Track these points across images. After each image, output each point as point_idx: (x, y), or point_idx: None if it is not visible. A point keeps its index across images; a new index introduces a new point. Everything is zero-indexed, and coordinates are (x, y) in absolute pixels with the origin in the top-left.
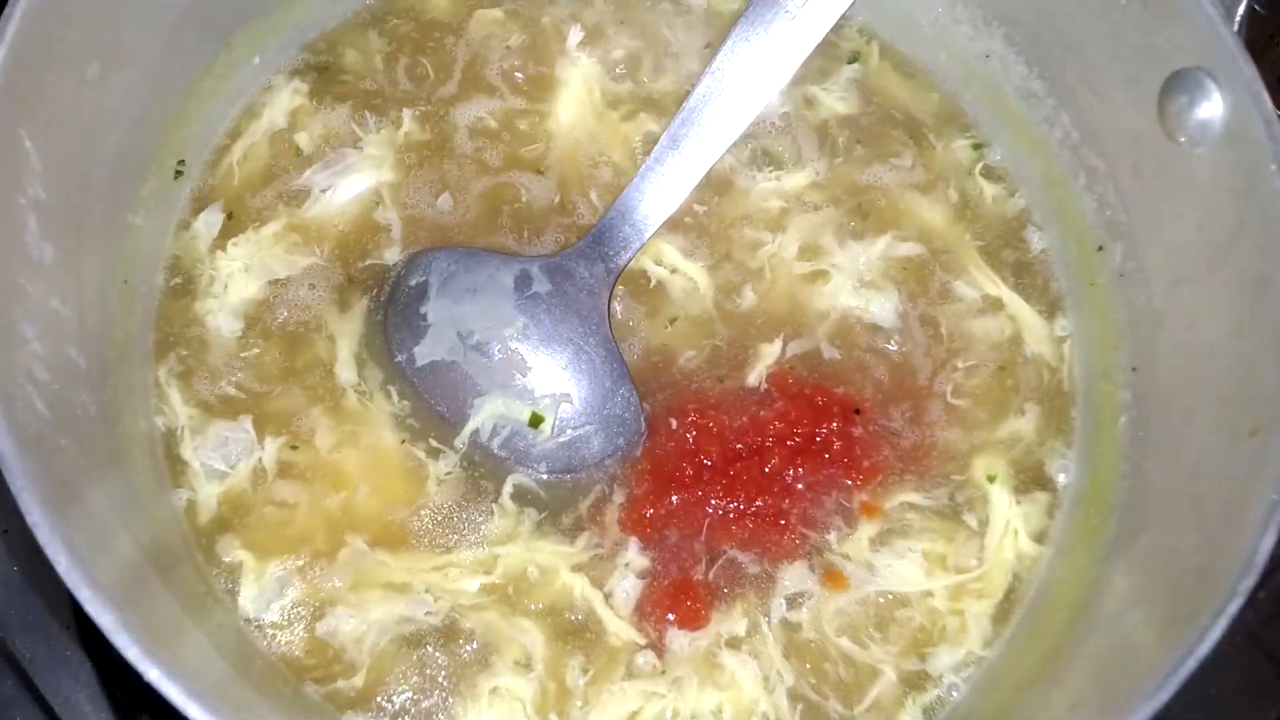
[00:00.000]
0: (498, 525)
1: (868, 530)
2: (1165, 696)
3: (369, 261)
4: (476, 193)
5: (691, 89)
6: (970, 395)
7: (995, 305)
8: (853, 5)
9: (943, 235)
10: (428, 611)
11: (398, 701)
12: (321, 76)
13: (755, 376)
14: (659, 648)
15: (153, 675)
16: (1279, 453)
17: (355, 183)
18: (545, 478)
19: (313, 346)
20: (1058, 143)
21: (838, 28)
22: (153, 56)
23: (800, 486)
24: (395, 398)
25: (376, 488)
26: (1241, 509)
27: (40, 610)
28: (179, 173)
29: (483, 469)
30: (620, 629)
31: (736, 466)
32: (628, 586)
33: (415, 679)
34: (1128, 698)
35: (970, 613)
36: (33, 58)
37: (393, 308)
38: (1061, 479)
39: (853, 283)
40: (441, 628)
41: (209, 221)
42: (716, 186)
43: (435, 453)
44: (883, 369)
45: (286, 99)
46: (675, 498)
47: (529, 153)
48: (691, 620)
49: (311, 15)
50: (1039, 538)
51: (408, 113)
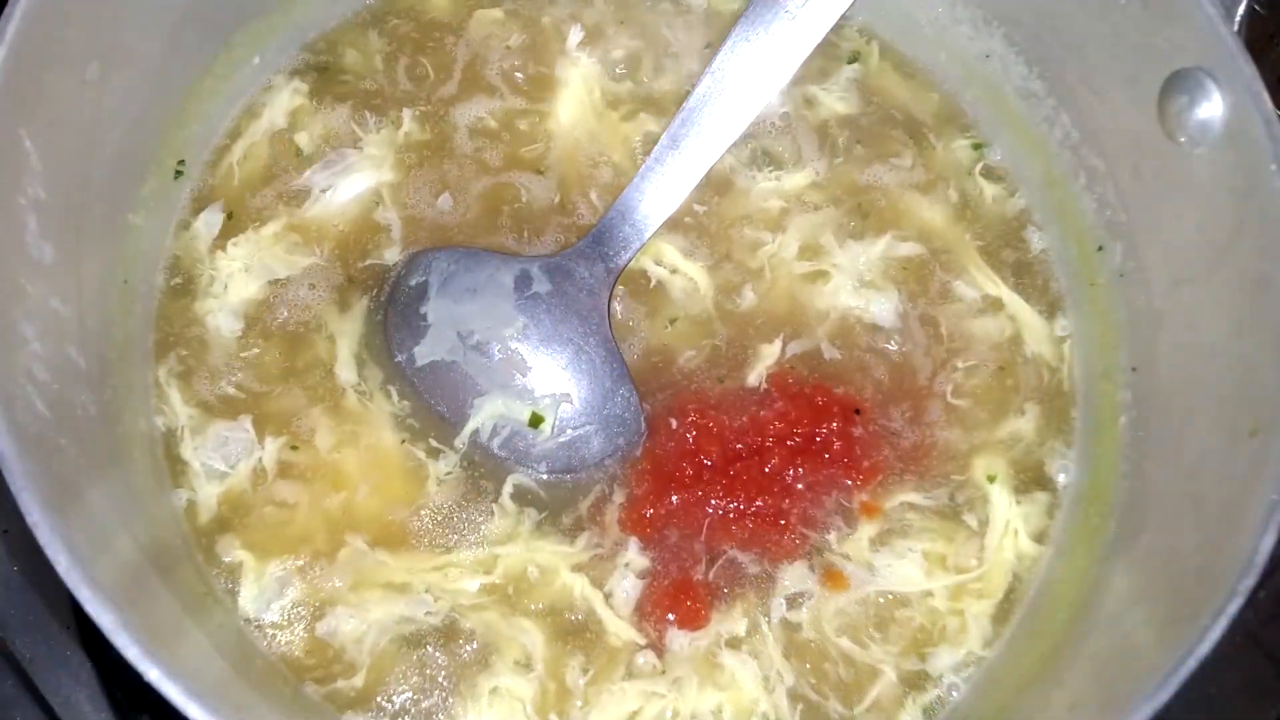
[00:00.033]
0: (498, 525)
1: (868, 530)
2: (1165, 696)
3: (369, 261)
4: (476, 193)
5: (691, 89)
6: (970, 395)
7: (995, 305)
8: (853, 5)
9: (943, 235)
10: (428, 611)
11: (398, 702)
12: (321, 76)
13: (755, 376)
14: (659, 648)
15: (153, 675)
16: (1279, 453)
17: (355, 183)
18: (545, 478)
19: (313, 346)
20: (1058, 143)
21: (838, 28)
22: (153, 56)
23: (800, 486)
24: (395, 398)
25: (376, 488)
26: (1241, 509)
27: (40, 610)
28: (179, 173)
29: (483, 469)
30: (620, 629)
31: (736, 466)
32: (628, 586)
33: (415, 679)
34: (1128, 698)
35: (970, 613)
36: (33, 58)
37: (393, 308)
38: (1061, 479)
39: (853, 283)
40: (441, 628)
41: (209, 221)
42: (716, 186)
43: (435, 453)
44: (883, 369)
45: (286, 99)
46: (675, 498)
47: (529, 153)
48: (691, 620)
49: (311, 15)
50: (1039, 538)
51: (408, 113)
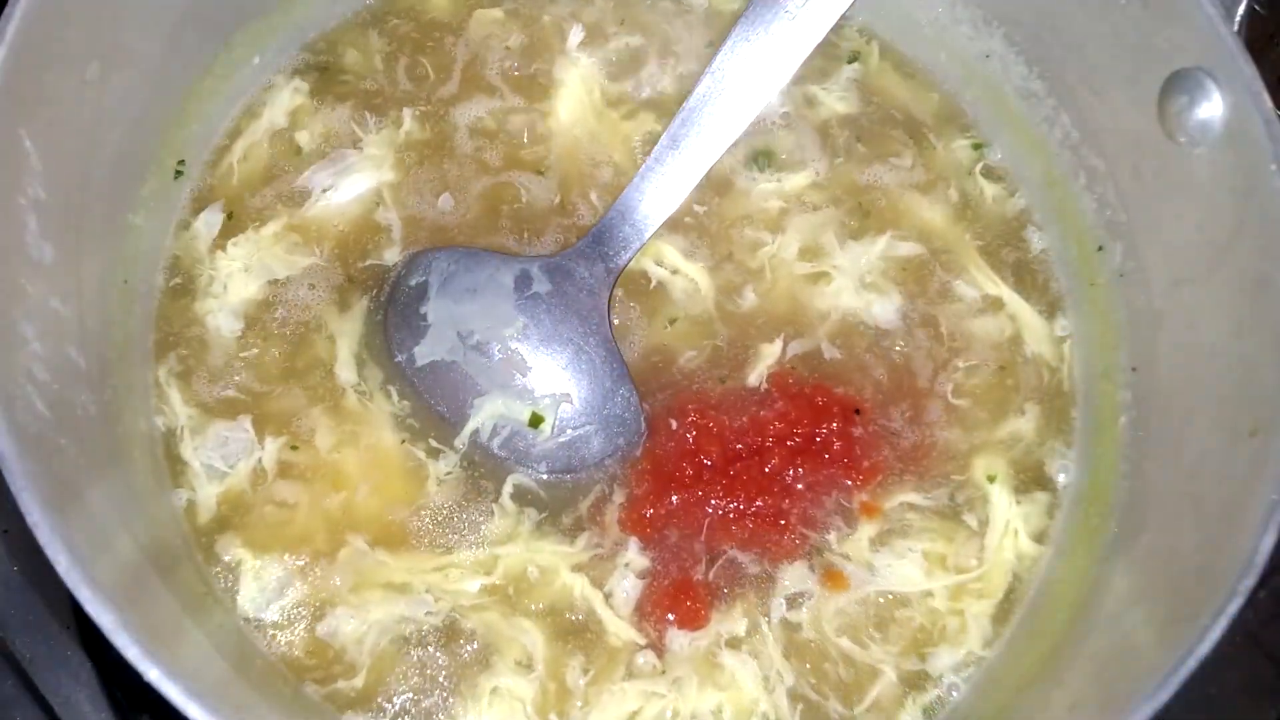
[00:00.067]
0: (498, 525)
1: (868, 530)
2: (1165, 696)
3: (369, 261)
4: (476, 193)
5: (691, 89)
6: (970, 395)
7: (995, 305)
8: (853, 5)
9: (943, 235)
10: (428, 611)
11: (398, 702)
12: (322, 76)
13: (756, 377)
14: (659, 648)
15: (153, 675)
16: (1279, 453)
17: (355, 183)
18: (545, 478)
19: (313, 346)
20: (1058, 143)
21: (838, 28)
22: (153, 56)
23: (800, 486)
24: (395, 398)
25: (376, 488)
26: (1241, 509)
27: (40, 610)
28: (179, 173)
29: (483, 469)
30: (620, 629)
31: (736, 466)
32: (628, 586)
33: (416, 679)
34: (1128, 698)
35: (970, 613)
36: (33, 58)
37: (393, 308)
38: (1061, 479)
39: (854, 284)
40: (442, 628)
41: (209, 221)
42: (716, 187)
43: (435, 453)
44: (883, 369)
45: (287, 98)
46: (675, 498)
47: (529, 153)
48: (691, 620)
49: (311, 15)
50: (1039, 538)
51: (408, 112)
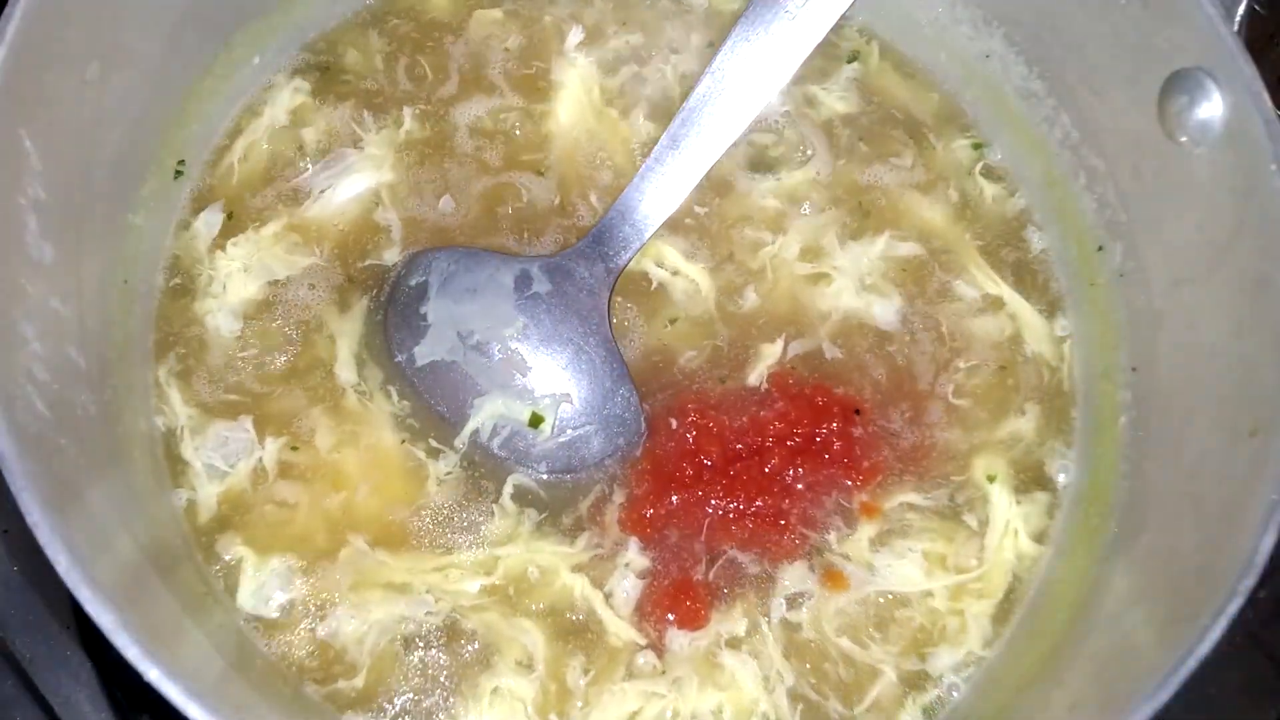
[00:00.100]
0: (498, 526)
1: (867, 530)
2: (1165, 696)
3: (369, 261)
4: (477, 193)
5: (691, 89)
6: (970, 395)
7: (995, 304)
8: (853, 5)
9: (943, 235)
10: (428, 611)
11: (398, 702)
12: (322, 76)
13: (756, 377)
14: (659, 648)
15: (153, 675)
16: (1279, 453)
17: (355, 183)
18: (545, 478)
19: (313, 346)
20: (1058, 143)
21: (838, 27)
22: (153, 56)
23: (800, 487)
24: (395, 398)
25: (376, 488)
26: (1241, 509)
27: (40, 610)
28: (179, 173)
29: (483, 469)
30: (620, 629)
31: (736, 466)
32: (628, 586)
33: (416, 679)
34: (1128, 698)
35: (970, 613)
36: (33, 58)
37: (393, 308)
38: (1061, 479)
39: (854, 284)
40: (442, 628)
41: (209, 221)
42: (717, 187)
43: (435, 453)
44: (883, 369)
45: (287, 97)
46: (675, 498)
47: (529, 153)
48: (691, 620)
49: (311, 15)
50: (1039, 538)
51: (408, 112)
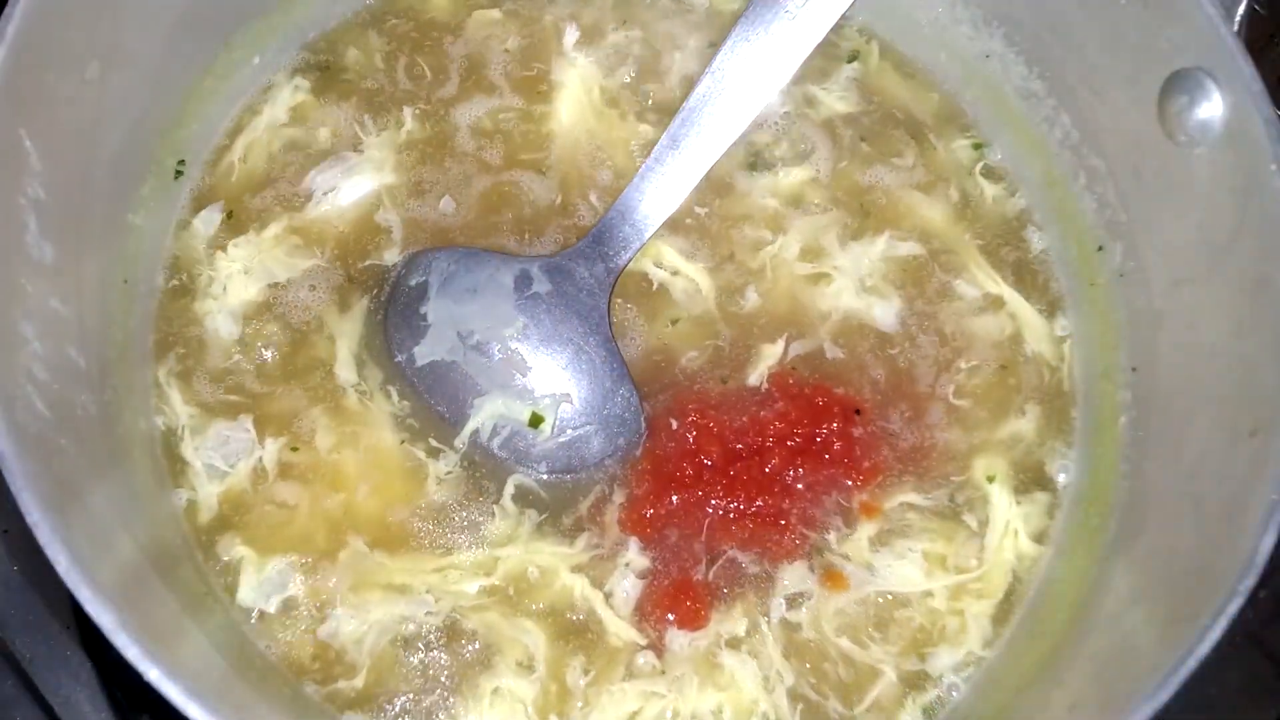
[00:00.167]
0: (498, 526)
1: (867, 530)
2: (1165, 696)
3: (369, 262)
4: (477, 193)
5: (691, 89)
6: (971, 395)
7: (996, 304)
8: (853, 5)
9: (943, 235)
10: (428, 611)
11: (399, 702)
12: (323, 76)
13: (757, 377)
14: (659, 648)
15: (153, 675)
16: (1279, 453)
17: (357, 184)
18: (545, 478)
19: (313, 347)
20: (1058, 143)
21: (838, 27)
22: (153, 56)
23: (800, 487)
24: (395, 398)
25: (376, 488)
26: (1241, 509)
27: (40, 610)
28: (179, 173)
29: (483, 469)
30: (621, 629)
31: (737, 466)
32: (628, 586)
33: (416, 680)
34: (1128, 698)
35: (970, 613)
36: (33, 58)
37: (393, 308)
38: (1061, 479)
39: (854, 284)
40: (443, 628)
41: (207, 220)
42: (717, 187)
43: (435, 453)
44: (883, 369)
45: (288, 96)
46: (675, 498)
47: (529, 153)
48: (691, 620)
49: (311, 15)
50: (1039, 538)
51: (408, 112)
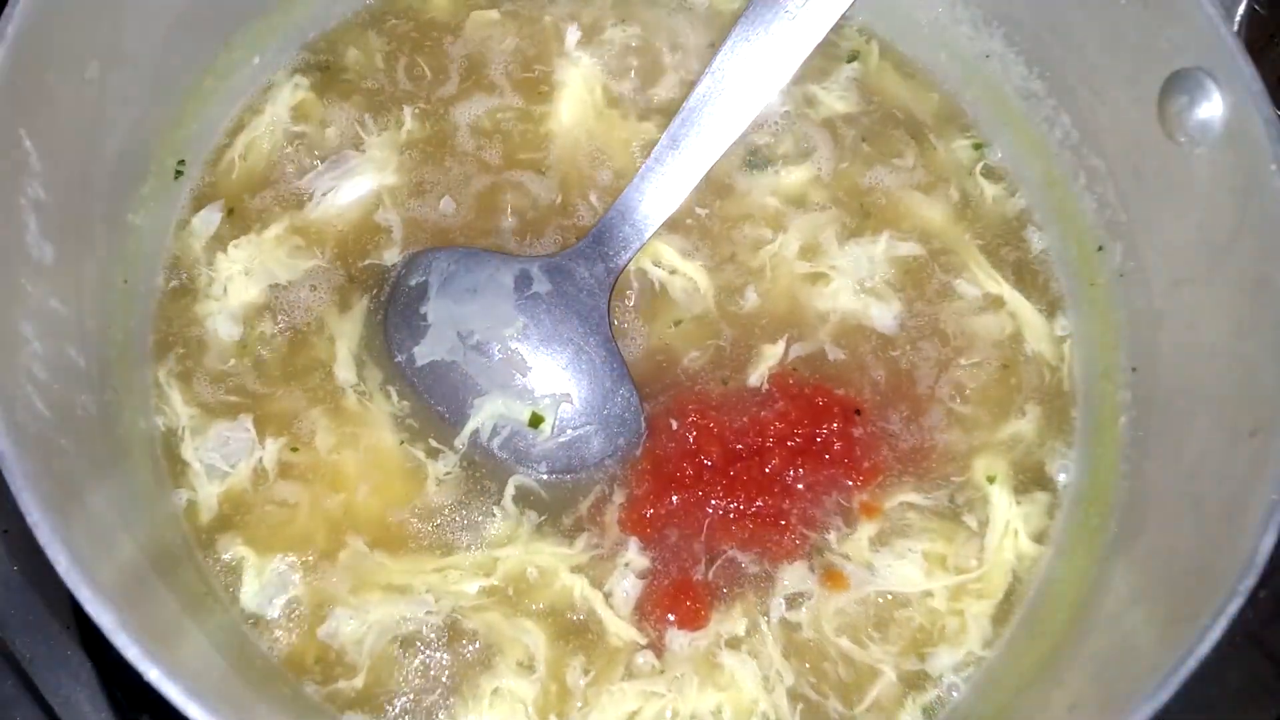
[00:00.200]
0: (498, 527)
1: (867, 530)
2: (1165, 696)
3: (369, 262)
4: (477, 193)
5: (691, 89)
6: (971, 395)
7: (996, 303)
8: (853, 5)
9: (943, 235)
10: (428, 611)
11: (399, 703)
12: (323, 76)
13: (757, 377)
14: (659, 648)
15: (153, 675)
16: (1279, 453)
17: (357, 185)
18: (545, 478)
19: (313, 347)
20: (1058, 143)
21: (837, 27)
22: (152, 56)
23: (800, 487)
24: (395, 398)
25: (376, 488)
26: (1241, 509)
27: (40, 610)
28: (179, 173)
29: (483, 469)
30: (621, 629)
31: (737, 467)
32: (628, 586)
33: (416, 680)
34: (1128, 698)
35: (970, 613)
36: (33, 58)
37: (393, 308)
38: (1061, 479)
39: (853, 284)
40: (443, 628)
41: (207, 220)
42: (717, 188)
43: (435, 453)
44: (884, 370)
45: (288, 94)
46: (675, 498)
47: (529, 153)
48: (691, 620)
49: (311, 15)
50: (1039, 538)
51: (408, 112)
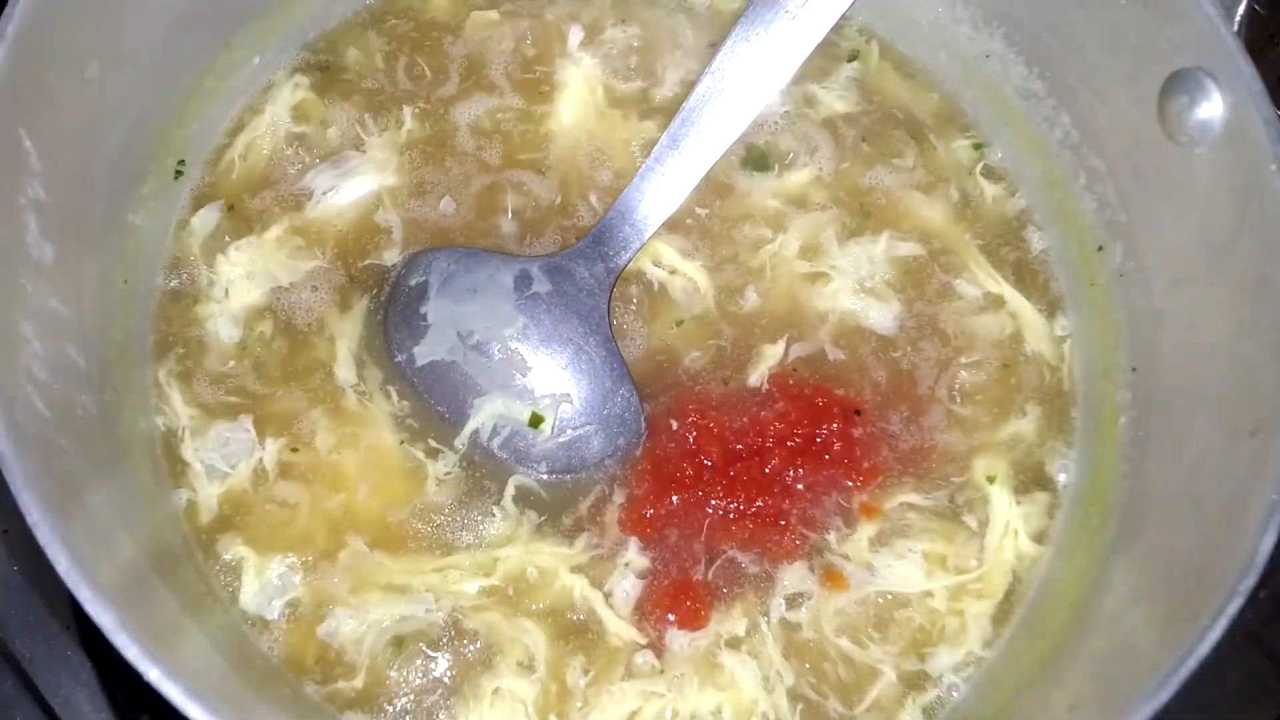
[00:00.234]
0: (498, 527)
1: (867, 531)
2: (1165, 696)
3: (368, 261)
4: (477, 193)
5: (691, 89)
6: (971, 395)
7: (996, 303)
8: (853, 5)
9: (943, 235)
10: (427, 609)
11: (399, 703)
12: (323, 76)
13: (757, 377)
14: (659, 648)
15: (153, 675)
16: (1279, 453)
17: (358, 185)
18: (545, 478)
19: (313, 348)
20: (1058, 143)
21: (837, 27)
22: (152, 56)
23: (800, 487)
24: (395, 398)
25: (376, 488)
26: (1241, 509)
27: (40, 610)
28: (179, 173)
29: (483, 469)
30: (621, 629)
31: (737, 467)
32: (627, 586)
33: (416, 680)
34: (1128, 698)
35: (970, 613)
36: (33, 58)
37: (393, 308)
38: (1061, 479)
39: (852, 284)
40: (443, 628)
41: (205, 219)
42: (717, 187)
43: (435, 453)
44: (884, 370)
45: (288, 95)
46: (675, 498)
47: (530, 153)
48: (691, 620)
49: (311, 15)
50: (1039, 538)
51: (408, 112)
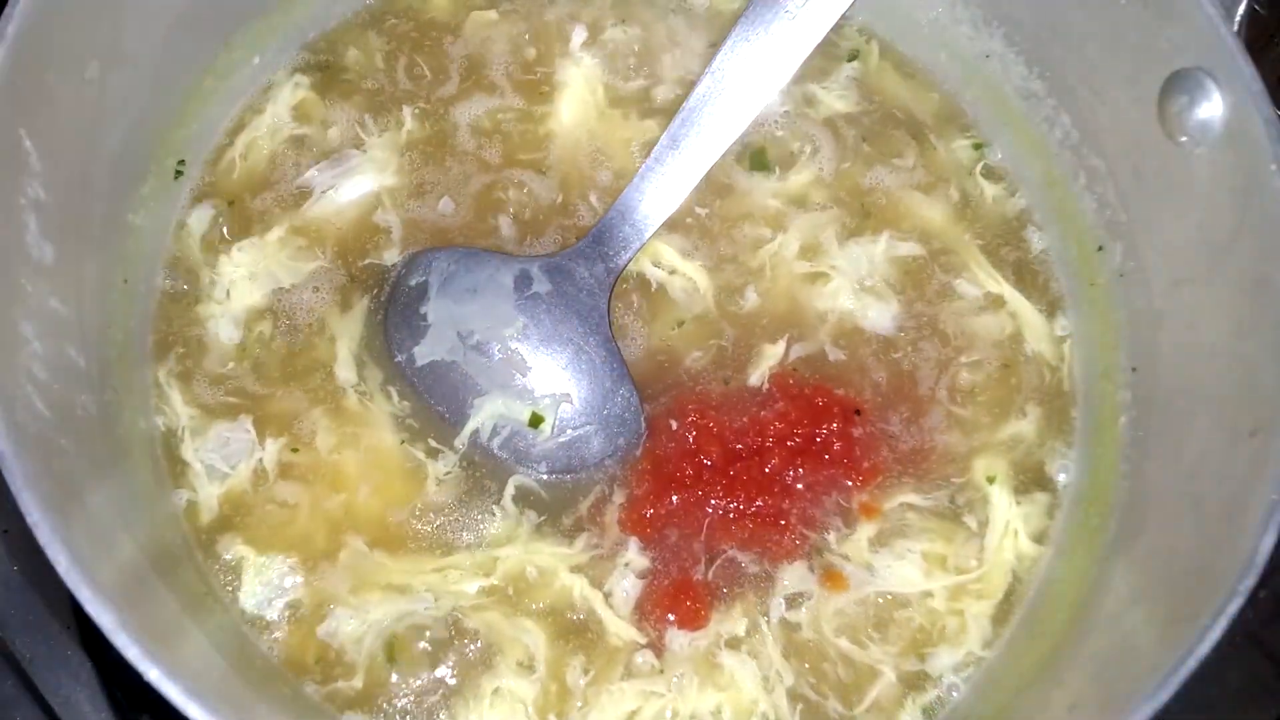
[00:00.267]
0: (498, 526)
1: (867, 531)
2: (1165, 696)
3: (368, 261)
4: (477, 193)
5: (691, 89)
6: (971, 396)
7: (997, 303)
8: (853, 5)
9: (943, 235)
10: (426, 607)
11: (399, 703)
12: (323, 75)
13: (758, 377)
14: (658, 648)
15: (153, 675)
16: (1279, 453)
17: (358, 185)
18: (545, 478)
19: (313, 348)
20: (1058, 143)
21: (837, 27)
22: (152, 56)
23: (800, 487)
24: (395, 398)
25: (376, 488)
26: (1241, 509)
27: (40, 610)
28: (179, 173)
29: (483, 469)
30: (620, 629)
31: (736, 467)
32: (627, 586)
33: (416, 680)
34: (1128, 698)
35: (970, 613)
36: (33, 58)
37: (393, 308)
38: (1061, 479)
39: (852, 284)
40: (444, 628)
41: (201, 218)
42: (717, 187)
43: (435, 453)
44: (884, 370)
45: (289, 95)
46: (675, 498)
47: (530, 153)
48: (691, 620)
49: (311, 15)
50: (1039, 538)
51: (408, 112)
